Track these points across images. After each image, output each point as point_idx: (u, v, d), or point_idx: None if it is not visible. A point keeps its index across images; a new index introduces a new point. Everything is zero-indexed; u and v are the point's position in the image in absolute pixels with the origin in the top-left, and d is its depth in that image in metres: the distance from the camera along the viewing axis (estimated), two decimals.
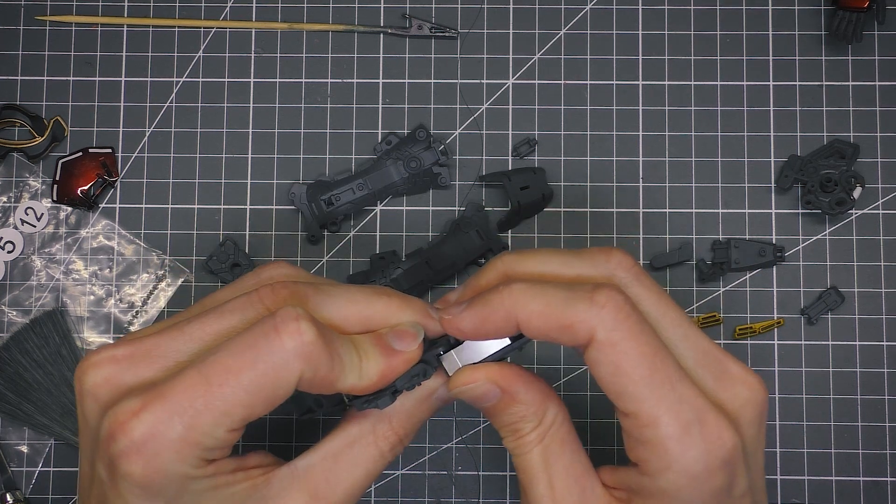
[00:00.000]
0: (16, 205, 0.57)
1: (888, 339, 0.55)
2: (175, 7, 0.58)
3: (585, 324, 0.35)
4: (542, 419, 0.39)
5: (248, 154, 0.57)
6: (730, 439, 0.36)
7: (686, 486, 0.36)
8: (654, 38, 0.57)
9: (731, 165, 0.56)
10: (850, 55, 0.57)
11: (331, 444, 0.39)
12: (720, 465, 0.36)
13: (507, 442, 0.39)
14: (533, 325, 0.36)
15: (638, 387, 0.35)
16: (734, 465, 0.36)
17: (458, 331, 0.38)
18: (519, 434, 0.39)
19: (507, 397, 0.38)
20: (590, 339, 0.35)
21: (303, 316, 0.34)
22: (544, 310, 0.36)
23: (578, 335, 0.36)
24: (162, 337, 0.36)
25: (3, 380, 0.54)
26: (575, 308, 0.35)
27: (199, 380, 0.34)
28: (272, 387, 0.34)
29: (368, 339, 0.38)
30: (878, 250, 0.56)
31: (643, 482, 0.37)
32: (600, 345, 0.35)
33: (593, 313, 0.35)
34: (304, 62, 0.58)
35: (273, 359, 0.34)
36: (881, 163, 0.56)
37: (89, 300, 0.56)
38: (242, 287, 0.39)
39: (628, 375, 0.35)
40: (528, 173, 0.55)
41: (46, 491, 0.55)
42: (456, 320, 0.38)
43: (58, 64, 0.58)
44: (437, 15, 0.58)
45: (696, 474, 0.36)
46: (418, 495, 0.55)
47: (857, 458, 0.55)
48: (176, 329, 0.36)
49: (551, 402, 0.39)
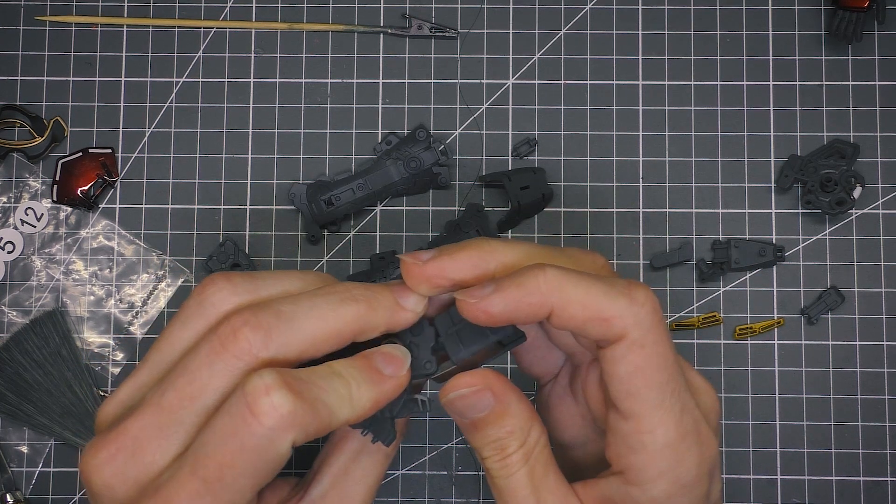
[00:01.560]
0: (16, 205, 0.57)
1: (888, 339, 0.55)
2: (175, 7, 0.58)
3: (623, 320, 0.34)
4: (527, 438, 0.37)
5: (248, 154, 0.57)
6: (715, 448, 0.36)
7: (676, 494, 0.36)
8: (654, 38, 0.57)
9: (731, 165, 0.56)
10: (850, 55, 0.57)
11: (337, 463, 0.38)
12: (707, 472, 0.36)
13: (489, 462, 0.38)
14: (568, 313, 0.35)
15: (652, 391, 0.35)
16: (714, 472, 0.36)
17: (486, 314, 0.35)
18: (504, 453, 0.37)
19: (500, 408, 0.37)
20: (622, 335, 0.35)
21: (272, 386, 0.33)
22: (584, 299, 0.34)
23: (612, 330, 0.35)
24: (146, 421, 0.35)
25: (3, 380, 0.54)
26: (616, 302, 0.34)
27: (198, 483, 0.33)
28: (267, 461, 0.33)
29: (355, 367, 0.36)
30: (878, 250, 0.56)
31: (630, 492, 0.36)
32: (631, 343, 0.35)
33: (633, 311, 0.34)
34: (304, 62, 0.58)
35: (257, 441, 0.33)
36: (881, 163, 0.56)
37: (89, 300, 0.56)
38: (193, 327, 0.37)
39: (647, 379, 0.35)
40: (528, 173, 0.55)
41: (46, 491, 0.55)
42: (483, 304, 0.35)
43: (58, 64, 0.58)
44: (437, 15, 0.58)
45: (687, 482, 0.36)
46: (418, 495, 0.55)
47: (857, 458, 0.55)
48: (156, 409, 0.35)
49: (535, 421, 0.38)
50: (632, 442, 0.36)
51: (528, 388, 0.55)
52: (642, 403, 0.35)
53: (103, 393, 0.56)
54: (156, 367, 0.37)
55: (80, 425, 0.55)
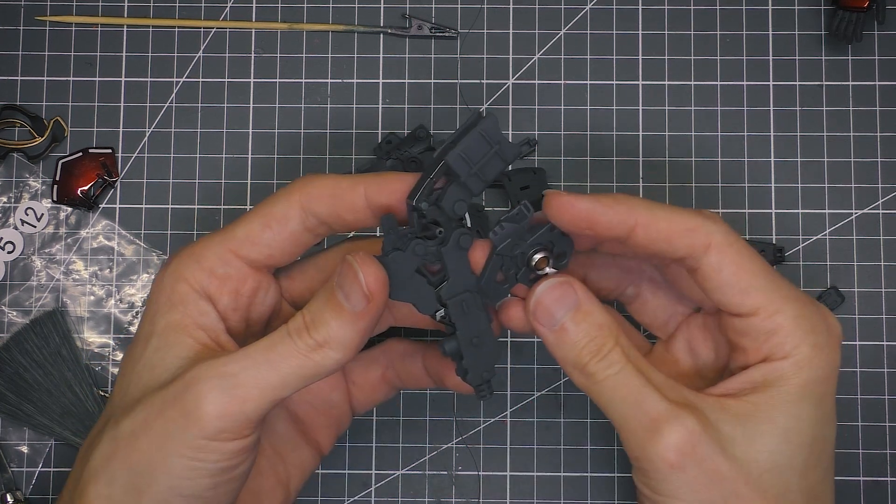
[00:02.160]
0: (16, 205, 0.57)
1: (888, 339, 0.55)
2: (175, 7, 0.58)
3: (706, 227, 0.38)
4: (619, 338, 0.39)
5: (248, 154, 0.57)
6: (837, 322, 0.40)
7: (815, 357, 0.38)
8: (654, 38, 0.57)
9: (730, 165, 0.56)
10: (850, 55, 0.57)
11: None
12: (836, 340, 0.40)
13: (590, 365, 0.39)
14: (656, 227, 0.38)
15: (760, 279, 0.39)
16: (840, 353, 0.40)
17: (570, 215, 0.39)
18: (602, 351, 0.39)
19: (586, 305, 0.40)
20: (707, 243, 0.38)
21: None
22: (669, 215, 0.39)
23: (698, 238, 0.38)
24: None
25: (3, 380, 0.54)
26: (695, 216, 0.39)
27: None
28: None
29: (320, 304, 0.39)
30: (878, 250, 0.56)
31: (774, 368, 0.38)
32: (720, 246, 0.38)
33: (710, 220, 0.39)
34: (304, 62, 0.58)
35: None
36: (881, 163, 0.56)
37: (89, 300, 0.56)
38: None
39: (750, 270, 0.38)
40: (528, 173, 0.55)
41: (46, 491, 0.55)
42: (571, 202, 0.39)
43: (58, 64, 0.58)
44: (437, 15, 0.58)
45: (821, 344, 0.39)
46: (418, 495, 0.55)
47: (857, 458, 0.55)
48: None
49: (621, 327, 0.41)
50: (767, 327, 0.39)
51: (528, 388, 0.55)
52: (758, 293, 0.38)
53: (103, 393, 0.56)
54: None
55: (80, 425, 0.55)
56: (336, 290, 0.38)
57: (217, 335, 0.41)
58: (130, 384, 0.41)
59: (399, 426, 0.55)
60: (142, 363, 0.41)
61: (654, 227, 0.38)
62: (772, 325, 0.39)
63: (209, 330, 0.41)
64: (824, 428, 0.39)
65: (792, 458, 0.38)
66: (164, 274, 0.42)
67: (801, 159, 0.56)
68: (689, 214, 0.39)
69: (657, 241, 0.39)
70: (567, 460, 0.55)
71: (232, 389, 0.37)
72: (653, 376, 0.39)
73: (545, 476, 0.55)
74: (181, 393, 0.38)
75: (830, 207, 0.56)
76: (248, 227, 0.42)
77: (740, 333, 0.40)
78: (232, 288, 0.42)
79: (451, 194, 0.39)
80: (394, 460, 0.55)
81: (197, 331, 0.41)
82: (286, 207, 0.42)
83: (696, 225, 0.39)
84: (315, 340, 0.38)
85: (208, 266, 0.41)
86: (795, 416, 0.38)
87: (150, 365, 0.40)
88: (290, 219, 0.42)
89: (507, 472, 0.55)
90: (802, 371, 0.38)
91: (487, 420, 0.55)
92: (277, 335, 0.39)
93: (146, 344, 0.41)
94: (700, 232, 0.38)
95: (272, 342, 0.39)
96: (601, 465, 0.55)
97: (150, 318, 0.41)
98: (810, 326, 0.39)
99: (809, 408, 0.38)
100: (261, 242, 0.42)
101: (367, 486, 0.55)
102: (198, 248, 0.42)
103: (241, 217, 0.43)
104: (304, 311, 0.39)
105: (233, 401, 0.37)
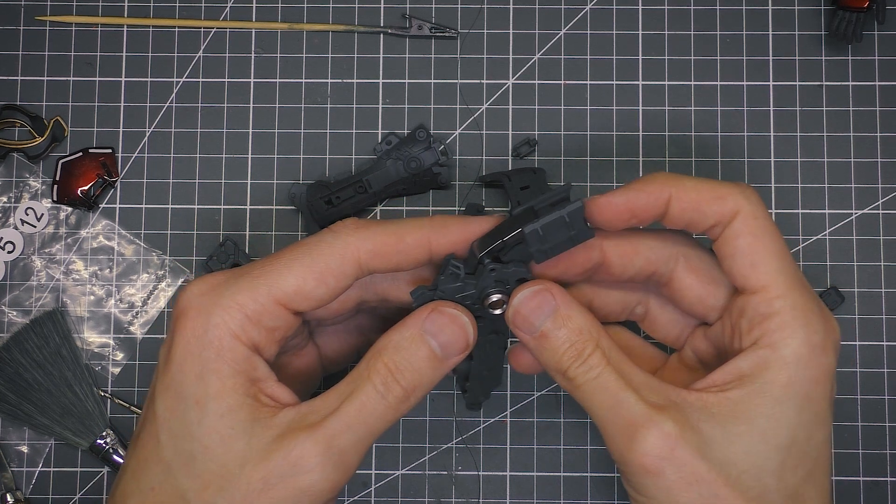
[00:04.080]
0: (16, 205, 0.57)
1: (888, 339, 0.55)
2: (175, 7, 0.58)
3: (735, 196, 0.39)
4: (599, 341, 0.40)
5: (248, 154, 0.57)
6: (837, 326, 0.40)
7: (806, 356, 0.38)
8: (654, 38, 0.57)
9: (731, 165, 0.56)
10: (850, 55, 0.57)
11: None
12: (833, 344, 0.39)
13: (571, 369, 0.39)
14: (688, 196, 0.39)
15: (773, 259, 0.39)
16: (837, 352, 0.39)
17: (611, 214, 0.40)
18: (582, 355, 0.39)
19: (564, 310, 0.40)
20: (736, 210, 0.39)
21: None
22: (699, 185, 0.40)
23: (727, 205, 0.39)
24: None
25: (3, 380, 0.54)
26: (725, 185, 0.40)
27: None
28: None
29: (409, 353, 0.40)
30: (878, 250, 0.56)
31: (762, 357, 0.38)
32: (746, 216, 0.39)
33: (740, 189, 0.40)
34: (304, 62, 0.58)
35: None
36: (881, 163, 0.56)
37: (89, 300, 0.56)
38: None
39: (767, 247, 0.39)
40: (528, 173, 0.55)
41: (46, 491, 0.55)
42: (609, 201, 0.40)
43: (58, 64, 0.58)
44: (437, 15, 0.58)
45: (816, 344, 0.38)
46: (418, 495, 0.55)
47: (857, 458, 0.55)
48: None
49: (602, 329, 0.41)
50: (763, 309, 0.38)
51: (528, 388, 0.55)
52: (766, 272, 0.39)
53: (103, 393, 0.56)
54: None
55: (80, 425, 0.55)
56: (427, 339, 0.39)
57: (270, 389, 0.40)
58: (196, 454, 0.38)
59: (399, 426, 0.55)
60: (203, 431, 0.38)
61: (685, 198, 0.39)
62: (769, 308, 0.38)
63: (261, 382, 0.40)
64: (810, 430, 0.38)
65: (768, 459, 0.37)
66: (206, 322, 0.39)
67: (801, 159, 0.56)
68: (722, 185, 0.40)
69: (688, 211, 0.39)
70: (567, 460, 0.55)
71: (338, 460, 0.38)
72: (634, 378, 0.39)
73: (545, 476, 0.55)
74: (289, 475, 0.37)
75: (830, 207, 0.56)
76: (301, 281, 0.40)
77: (739, 313, 0.39)
78: (280, 337, 0.41)
79: (514, 254, 0.41)
80: (394, 460, 0.55)
81: (252, 388, 0.39)
82: (342, 264, 0.40)
83: (726, 193, 0.39)
84: (403, 389, 0.39)
85: (256, 319, 0.39)
86: (775, 417, 0.37)
87: (218, 436, 0.38)
88: (347, 276, 0.40)
89: (507, 473, 0.55)
90: (789, 367, 0.38)
91: (487, 420, 0.55)
92: (364, 392, 0.39)
93: (202, 409, 0.38)
94: (728, 200, 0.39)
95: (362, 403, 0.38)
96: (601, 465, 0.55)
97: (196, 374, 0.39)
98: (807, 321, 0.38)
99: (790, 409, 0.38)
100: (312, 298, 0.40)
101: (367, 486, 0.55)
102: (241, 297, 0.39)
103: (286, 258, 0.40)
104: (384, 359, 0.39)
105: (339, 471, 0.38)
